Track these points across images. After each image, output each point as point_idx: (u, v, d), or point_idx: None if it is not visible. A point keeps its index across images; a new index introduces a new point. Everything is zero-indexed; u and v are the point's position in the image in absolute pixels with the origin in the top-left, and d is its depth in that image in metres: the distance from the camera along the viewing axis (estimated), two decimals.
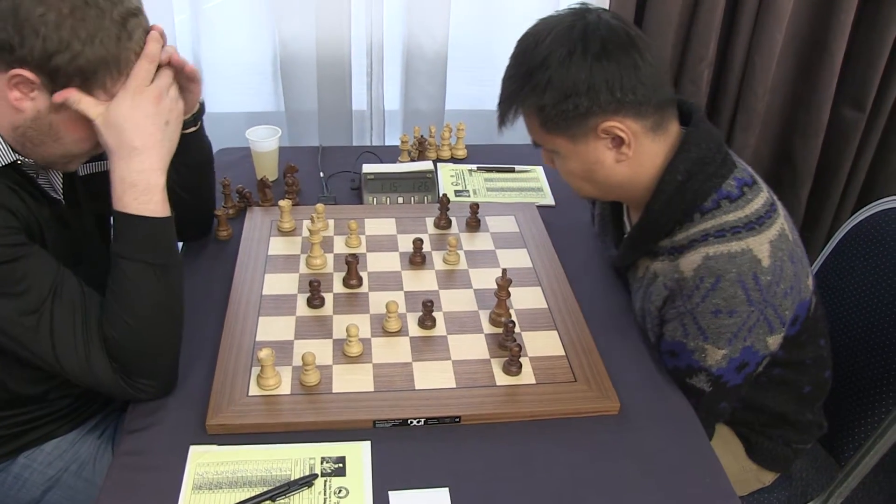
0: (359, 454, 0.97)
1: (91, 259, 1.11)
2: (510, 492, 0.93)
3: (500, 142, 1.78)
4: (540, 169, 1.67)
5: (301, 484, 0.92)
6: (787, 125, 2.14)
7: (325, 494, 0.91)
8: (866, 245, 1.37)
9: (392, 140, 2.10)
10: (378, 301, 1.21)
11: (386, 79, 2.05)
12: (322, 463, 0.95)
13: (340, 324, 1.15)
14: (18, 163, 0.98)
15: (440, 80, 2.04)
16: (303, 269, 1.29)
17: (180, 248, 1.26)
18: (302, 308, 1.20)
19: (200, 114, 1.20)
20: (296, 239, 1.37)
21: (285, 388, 1.04)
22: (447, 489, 0.93)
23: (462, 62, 2.06)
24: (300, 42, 1.95)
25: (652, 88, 1.04)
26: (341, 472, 0.94)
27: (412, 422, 1.01)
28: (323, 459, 0.96)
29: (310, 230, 1.28)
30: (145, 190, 0.97)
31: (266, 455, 0.96)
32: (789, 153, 2.16)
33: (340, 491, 0.92)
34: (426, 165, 1.62)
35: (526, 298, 1.24)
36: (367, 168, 1.57)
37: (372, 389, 1.05)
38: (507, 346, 1.10)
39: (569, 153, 1.10)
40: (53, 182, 1.06)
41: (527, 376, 1.08)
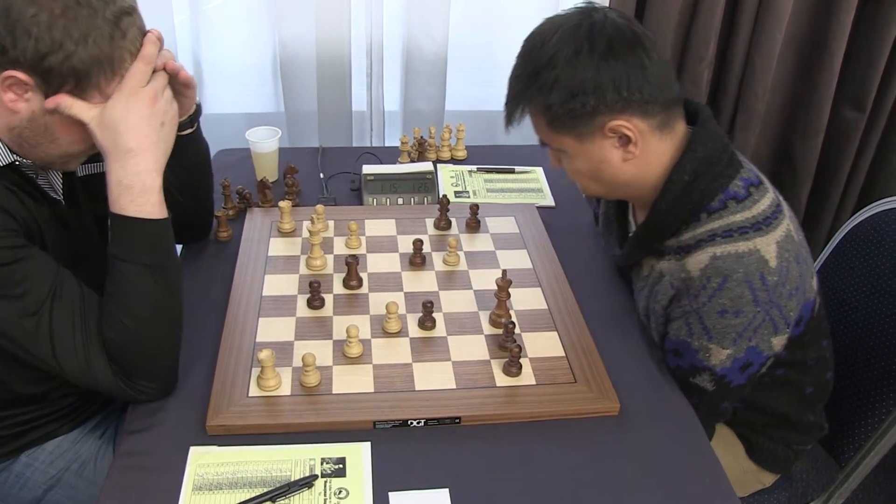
0: (359, 455, 0.97)
1: (92, 259, 1.10)
2: (510, 492, 0.93)
3: (500, 143, 1.78)
4: (540, 170, 1.67)
5: (301, 485, 0.92)
6: (787, 125, 2.14)
7: (326, 495, 0.91)
8: (866, 246, 1.37)
9: (392, 141, 2.10)
10: (378, 302, 1.21)
11: (386, 80, 2.05)
12: (322, 464, 0.95)
13: (340, 325, 1.15)
14: (17, 164, 0.98)
15: (440, 81, 2.04)
16: (303, 270, 1.29)
17: (179, 250, 1.26)
18: (302, 309, 1.20)
19: (197, 115, 1.19)
20: (296, 240, 1.37)
21: (285, 389, 1.04)
22: (447, 490, 0.93)
23: (462, 63, 2.06)
24: (300, 43, 1.95)
25: (659, 87, 1.04)
26: (341, 473, 0.94)
27: (412, 423, 1.01)
28: (323, 460, 0.96)
29: (310, 231, 1.28)
30: (141, 192, 0.96)
31: (266, 456, 0.96)
32: (789, 153, 2.16)
33: (340, 492, 0.92)
34: (426, 166, 1.62)
35: (526, 299, 1.24)
36: (367, 169, 1.57)
37: (372, 390, 1.05)
38: (507, 347, 1.10)
39: (576, 152, 1.10)
40: (53, 182, 1.06)
41: (527, 377, 1.08)
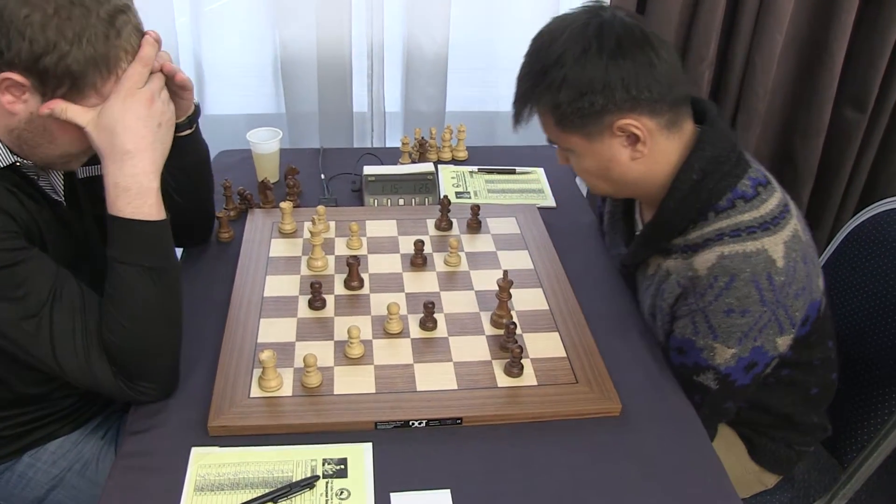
0: (360, 456, 0.97)
1: (92, 260, 1.10)
2: (512, 493, 0.93)
3: (501, 143, 1.78)
4: (541, 170, 1.67)
5: (303, 485, 0.92)
6: (788, 125, 2.14)
7: (327, 496, 0.91)
8: (868, 246, 1.37)
9: (393, 142, 2.11)
10: (379, 303, 1.21)
11: (386, 80, 2.05)
12: (324, 464, 0.95)
13: (342, 325, 1.15)
14: (17, 164, 0.98)
15: (440, 82, 2.04)
16: (304, 271, 1.29)
17: (179, 253, 1.26)
18: (303, 310, 1.20)
19: (196, 116, 1.18)
20: (297, 241, 1.37)
21: (287, 390, 1.04)
22: (448, 491, 0.93)
23: (462, 64, 2.06)
24: (301, 44, 1.95)
25: (667, 86, 1.04)
26: (343, 474, 0.94)
27: (413, 423, 1.01)
28: (324, 461, 0.96)
29: (311, 232, 1.28)
30: (139, 194, 0.96)
31: (268, 457, 0.96)
32: (790, 153, 2.16)
33: (342, 492, 0.92)
34: (427, 167, 1.62)
35: (527, 300, 1.24)
36: (368, 170, 1.57)
37: (373, 391, 1.05)
38: (509, 348, 1.10)
39: (584, 151, 1.10)
40: (54, 183, 1.06)
41: (528, 378, 1.08)
